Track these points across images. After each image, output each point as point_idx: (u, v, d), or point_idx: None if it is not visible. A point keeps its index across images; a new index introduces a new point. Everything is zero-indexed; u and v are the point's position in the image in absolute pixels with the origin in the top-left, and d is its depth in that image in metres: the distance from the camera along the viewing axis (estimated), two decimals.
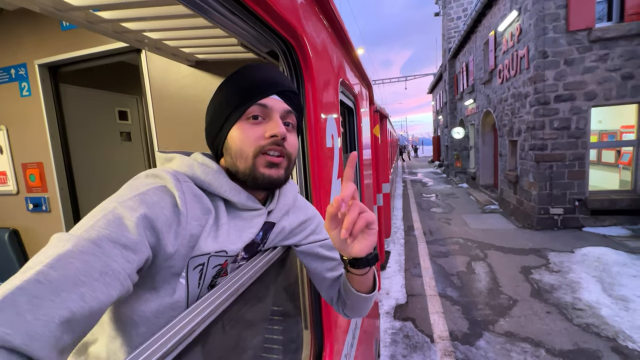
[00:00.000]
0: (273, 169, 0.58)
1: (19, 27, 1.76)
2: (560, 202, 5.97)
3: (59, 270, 0.33)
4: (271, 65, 0.65)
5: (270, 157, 0.58)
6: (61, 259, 0.34)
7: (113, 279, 0.38)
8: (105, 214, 0.42)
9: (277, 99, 0.60)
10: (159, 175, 0.51)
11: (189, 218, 0.50)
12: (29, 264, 0.34)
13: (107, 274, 0.37)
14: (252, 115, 0.58)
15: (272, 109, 0.59)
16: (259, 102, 0.58)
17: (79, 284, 0.34)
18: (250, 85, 0.58)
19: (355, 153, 0.60)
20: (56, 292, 0.32)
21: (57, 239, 0.39)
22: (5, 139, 1.93)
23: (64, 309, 0.31)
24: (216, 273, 0.58)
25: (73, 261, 0.35)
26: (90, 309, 0.34)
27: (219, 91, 0.62)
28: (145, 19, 1.00)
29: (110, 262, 0.38)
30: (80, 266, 0.35)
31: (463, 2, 15.30)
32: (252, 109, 0.58)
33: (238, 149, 0.57)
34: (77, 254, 0.36)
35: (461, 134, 12.65)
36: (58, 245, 0.37)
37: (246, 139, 0.57)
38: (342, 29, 1.25)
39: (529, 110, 6.20)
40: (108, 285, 0.37)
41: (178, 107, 1.62)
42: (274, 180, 0.59)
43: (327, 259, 0.76)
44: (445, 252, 5.22)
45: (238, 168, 0.58)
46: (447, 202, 9.29)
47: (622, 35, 5.37)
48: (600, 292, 3.63)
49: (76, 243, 0.37)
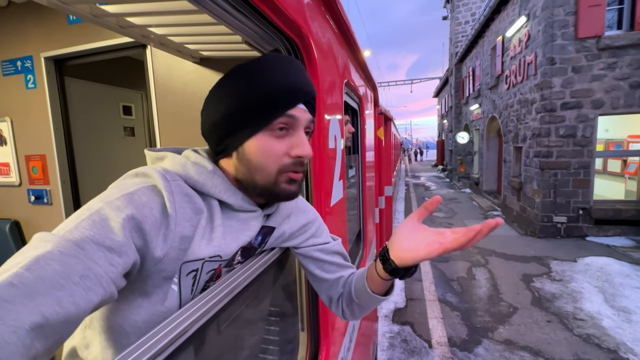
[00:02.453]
0: (293, 184, 0.58)
1: (26, 19, 1.77)
2: (564, 211, 5.92)
3: (35, 273, 0.31)
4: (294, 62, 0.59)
5: (292, 174, 0.56)
6: (39, 261, 0.32)
7: (94, 283, 0.35)
8: (90, 214, 0.40)
9: (303, 108, 0.56)
10: (147, 174, 0.49)
11: (178, 219, 0.48)
12: (6, 266, 0.32)
13: (88, 278, 0.35)
14: (279, 127, 0.54)
15: (298, 120, 0.55)
16: (287, 112, 0.53)
17: (57, 287, 0.32)
18: (278, 92, 0.52)
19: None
20: (30, 296, 0.30)
21: (38, 239, 0.37)
22: (9, 130, 1.94)
23: (36, 314, 0.29)
24: (209, 278, 0.56)
25: (52, 263, 0.33)
26: (66, 315, 0.32)
27: (233, 87, 0.53)
28: (151, 14, 1.00)
29: (92, 265, 0.36)
30: (59, 269, 0.33)
31: (471, 7, 15.24)
32: (279, 120, 0.53)
33: (260, 163, 0.54)
34: (57, 255, 0.34)
35: (465, 138, 12.59)
36: (38, 246, 0.35)
37: (271, 155, 0.54)
38: (348, 29, 1.24)
39: (535, 116, 6.16)
40: (88, 289, 0.34)
41: (182, 103, 1.62)
42: (294, 193, 0.58)
43: (326, 263, 0.74)
44: (446, 257, 5.19)
45: (257, 182, 0.55)
46: (449, 207, 9.25)
47: (632, 43, 5.32)
48: (602, 303, 3.59)
49: (57, 244, 0.35)
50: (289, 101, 0.53)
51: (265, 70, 0.53)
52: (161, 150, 0.58)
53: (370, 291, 0.67)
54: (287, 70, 0.55)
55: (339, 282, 0.75)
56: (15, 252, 0.35)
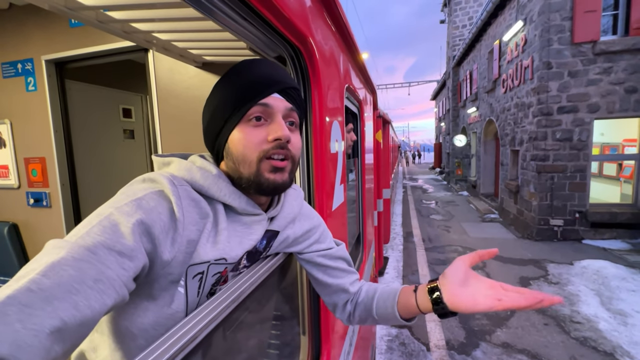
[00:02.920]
0: (278, 173, 0.57)
1: (27, 22, 1.77)
2: (561, 214, 5.96)
3: (52, 278, 0.32)
4: (269, 61, 0.63)
5: (274, 161, 0.56)
6: (55, 267, 0.34)
7: (108, 286, 0.37)
8: (100, 220, 0.41)
9: (279, 97, 0.58)
10: (155, 180, 0.50)
11: (186, 223, 0.49)
12: (22, 272, 0.34)
13: (101, 282, 0.36)
14: (255, 117, 0.55)
15: (274, 108, 0.56)
16: (260, 102, 0.55)
17: (72, 292, 0.33)
18: (250, 84, 0.56)
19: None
20: (48, 300, 0.31)
21: (51, 245, 0.38)
22: (9, 132, 1.93)
23: (55, 318, 0.30)
24: (215, 281, 0.56)
25: (67, 269, 0.34)
26: (83, 318, 0.33)
27: (216, 90, 0.59)
28: (155, 20, 1.01)
29: (105, 269, 0.37)
30: (74, 274, 0.34)
31: (469, 11, 15.36)
32: (253, 109, 0.55)
33: (241, 154, 0.55)
34: (71, 261, 0.35)
35: (463, 141, 12.66)
36: (52, 253, 0.36)
37: (249, 143, 0.55)
38: (350, 35, 1.25)
39: (532, 120, 6.21)
40: (102, 293, 0.36)
41: (183, 107, 1.62)
42: (279, 185, 0.57)
43: (330, 268, 0.75)
44: (444, 260, 5.21)
45: (242, 174, 0.56)
46: (447, 210, 9.28)
47: (627, 49, 5.39)
48: (599, 306, 3.61)
49: (70, 250, 0.36)
50: (260, 90, 0.56)
51: (239, 69, 0.58)
52: (168, 156, 0.59)
53: (399, 317, 0.69)
54: (258, 65, 0.59)
55: (343, 287, 0.76)
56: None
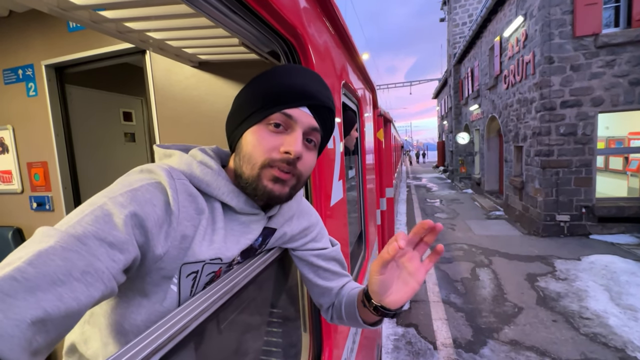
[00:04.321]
0: (277, 184, 0.54)
1: (27, 28, 1.79)
2: (567, 209, 5.89)
3: (37, 268, 0.32)
4: (312, 72, 0.60)
5: (277, 171, 0.54)
6: (42, 256, 0.33)
7: (96, 279, 0.36)
8: (93, 210, 0.40)
9: (307, 112, 0.56)
10: (153, 171, 0.49)
11: (180, 218, 0.48)
12: (8, 260, 0.33)
13: (89, 274, 0.35)
14: (274, 123, 0.54)
15: (296, 121, 0.54)
16: (283, 110, 0.54)
17: (58, 283, 0.32)
18: (279, 91, 0.54)
19: (427, 222, 0.54)
20: (31, 290, 0.30)
21: (41, 233, 0.37)
22: (11, 138, 1.95)
23: (37, 309, 0.30)
24: (209, 280, 0.56)
25: (54, 258, 0.33)
26: (67, 310, 0.32)
27: (251, 84, 0.58)
28: (149, 18, 1.01)
29: (94, 260, 0.36)
30: (61, 264, 0.33)
31: (468, 8, 15.32)
32: (275, 116, 0.54)
33: (248, 153, 0.54)
34: (59, 250, 0.34)
35: (466, 139, 12.59)
36: (42, 241, 0.35)
37: (259, 146, 0.53)
38: (345, 32, 1.25)
39: (535, 115, 6.16)
40: (90, 285, 0.35)
41: (181, 108, 1.63)
42: (275, 195, 0.55)
43: (321, 269, 0.74)
44: (449, 258, 5.17)
45: (243, 172, 0.55)
46: (451, 208, 9.23)
47: (630, 41, 5.33)
48: (608, 301, 3.56)
49: (60, 239, 0.35)
50: (288, 100, 0.54)
51: (277, 72, 0.57)
52: (170, 148, 0.59)
53: (361, 321, 0.68)
54: (296, 74, 0.57)
55: (331, 291, 0.75)
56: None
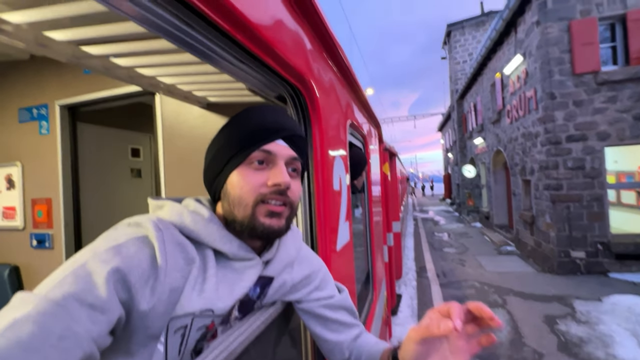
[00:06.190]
0: (274, 218, 0.55)
1: (44, 70, 1.88)
2: (581, 245, 5.67)
3: (10, 339, 0.31)
4: (277, 107, 0.63)
5: (271, 206, 0.54)
6: (16, 324, 0.32)
7: (73, 344, 0.34)
8: (75, 269, 0.39)
9: (283, 144, 0.58)
10: (140, 224, 0.48)
11: (168, 270, 0.45)
12: None
13: (66, 339, 0.34)
14: (257, 160, 0.55)
15: (276, 155, 0.56)
16: (262, 147, 0.55)
17: (31, 351, 0.31)
18: (254, 130, 0.56)
19: (486, 311, 0.50)
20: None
21: (19, 299, 0.36)
22: (19, 175, 1.98)
23: None
24: (201, 336, 0.51)
25: (29, 325, 0.32)
26: None
27: (221, 133, 0.60)
28: (159, 65, 1.04)
29: (72, 324, 0.35)
30: (36, 331, 0.32)
31: (468, 47, 15.99)
32: (255, 154, 0.55)
33: (237, 196, 0.54)
34: (34, 317, 0.33)
35: (473, 172, 12.55)
36: (19, 308, 0.34)
37: (247, 185, 0.54)
38: (350, 72, 1.27)
39: (541, 149, 6.15)
40: (66, 351, 0.33)
41: (188, 146, 1.64)
42: (275, 230, 0.55)
43: (329, 320, 0.69)
44: (461, 297, 4.91)
45: (235, 217, 0.54)
46: (460, 242, 8.97)
47: (630, 78, 5.42)
48: (637, 348, 3.29)
49: (37, 305, 0.34)
50: (264, 137, 0.56)
51: (247, 113, 0.59)
52: (162, 199, 0.58)
53: None
54: (266, 112, 0.60)
55: (342, 345, 0.69)
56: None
